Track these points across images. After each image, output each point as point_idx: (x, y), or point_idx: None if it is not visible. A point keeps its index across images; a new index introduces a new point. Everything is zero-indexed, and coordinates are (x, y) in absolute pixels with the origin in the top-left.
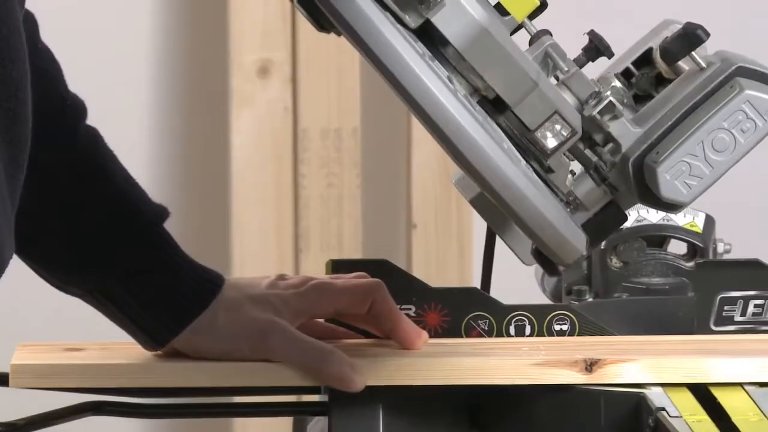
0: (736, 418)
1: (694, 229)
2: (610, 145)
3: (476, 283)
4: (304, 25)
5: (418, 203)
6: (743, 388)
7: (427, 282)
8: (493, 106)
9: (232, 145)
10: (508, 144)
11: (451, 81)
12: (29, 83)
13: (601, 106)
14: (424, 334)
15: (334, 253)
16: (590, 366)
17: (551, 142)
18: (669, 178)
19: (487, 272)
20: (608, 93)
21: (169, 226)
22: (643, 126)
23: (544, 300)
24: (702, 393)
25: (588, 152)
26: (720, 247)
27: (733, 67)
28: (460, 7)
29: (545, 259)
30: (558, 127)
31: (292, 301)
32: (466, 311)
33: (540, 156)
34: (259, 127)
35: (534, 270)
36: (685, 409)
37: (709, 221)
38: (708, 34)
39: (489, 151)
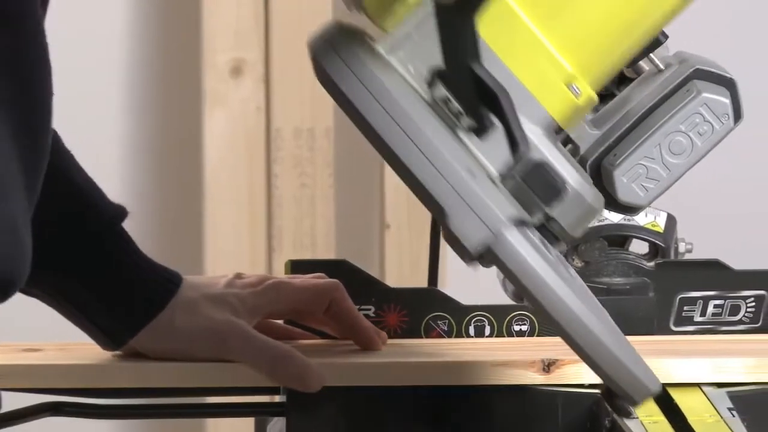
0: (692, 419)
1: (655, 228)
2: (569, 147)
3: (449, 283)
4: (277, 24)
5: (392, 203)
6: (701, 389)
7: (400, 283)
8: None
9: (205, 144)
10: (585, 289)
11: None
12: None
13: None
14: (383, 334)
15: (307, 253)
16: (548, 366)
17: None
18: (626, 181)
19: (434, 270)
20: None
21: (143, 225)
22: (601, 128)
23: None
24: (660, 393)
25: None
26: (681, 247)
27: (691, 70)
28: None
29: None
30: None
31: (249, 300)
32: (426, 312)
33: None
34: (232, 127)
35: (496, 271)
36: (641, 410)
37: (671, 221)
38: (666, 36)
39: (576, 310)
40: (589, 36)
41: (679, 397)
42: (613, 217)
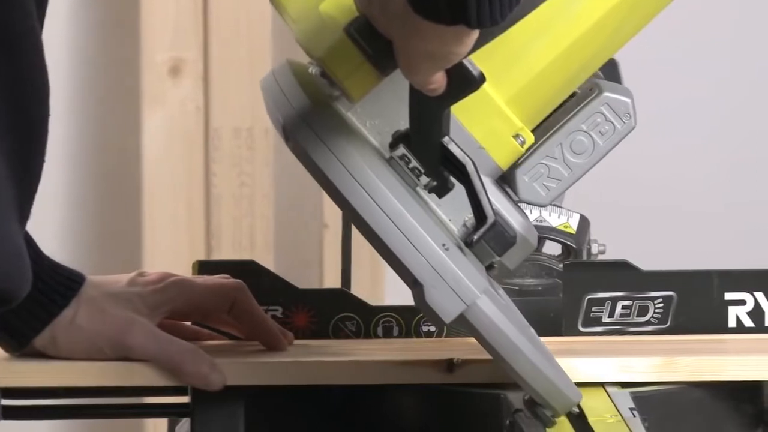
0: (592, 419)
1: (567, 230)
2: None
3: (389, 282)
4: (216, 23)
5: (330, 203)
6: (605, 389)
7: (339, 282)
8: None
9: (143, 144)
10: (514, 309)
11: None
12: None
13: None
14: (289, 334)
15: (246, 252)
16: (452, 366)
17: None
18: (528, 180)
19: (347, 270)
20: None
21: (81, 224)
22: None
23: None
24: None
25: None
26: (594, 248)
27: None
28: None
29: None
30: None
31: (151, 298)
32: (334, 312)
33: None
34: (171, 126)
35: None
36: None
37: (584, 222)
38: None
39: (524, 350)
40: (535, 91)
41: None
42: None
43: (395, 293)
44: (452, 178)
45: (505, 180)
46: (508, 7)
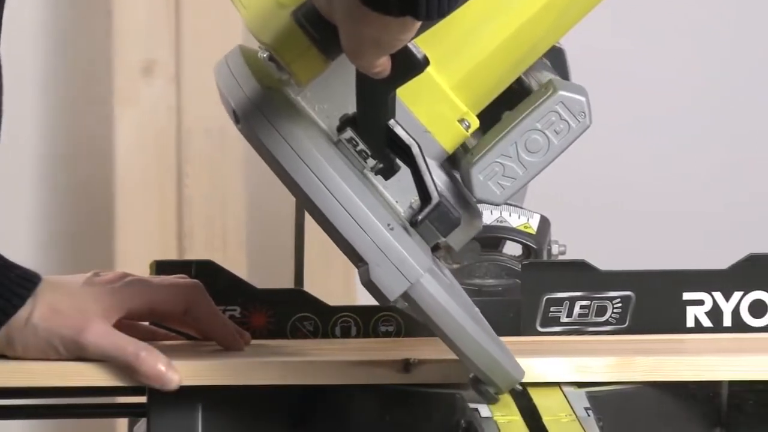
0: (546, 419)
1: (528, 230)
2: None
3: (360, 283)
4: (188, 24)
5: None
6: (560, 389)
7: (313, 282)
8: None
9: (116, 144)
10: (457, 287)
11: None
12: None
13: None
14: (246, 335)
15: (218, 253)
16: (409, 366)
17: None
18: (482, 179)
19: (299, 269)
20: None
21: (54, 224)
22: None
23: None
24: (522, 393)
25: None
26: (555, 249)
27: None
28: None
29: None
30: None
31: (107, 298)
32: (292, 312)
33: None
34: (143, 127)
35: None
36: (497, 409)
37: (544, 222)
38: None
39: (467, 327)
40: (481, 76)
41: (537, 396)
42: (486, 219)
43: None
44: (398, 161)
45: (454, 165)
46: None
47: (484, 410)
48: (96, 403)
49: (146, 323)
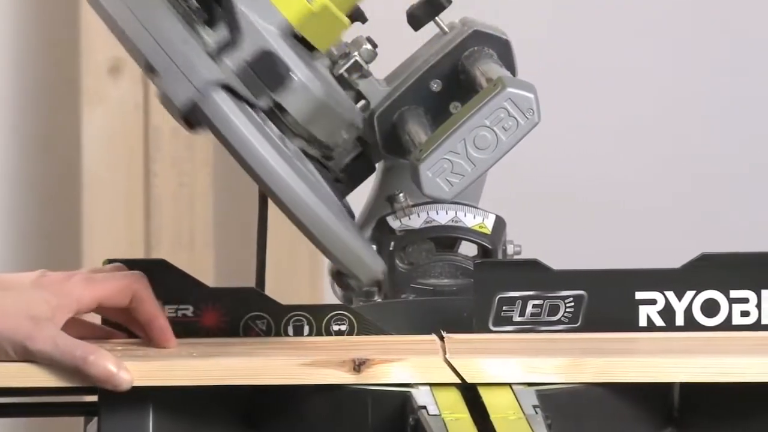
0: (494, 417)
1: (482, 230)
2: (362, 102)
3: (327, 280)
4: None
5: (270, 203)
6: (511, 388)
7: (279, 280)
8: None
9: (83, 143)
10: (317, 178)
11: (264, 122)
12: None
13: (348, 65)
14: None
15: (185, 252)
16: (359, 366)
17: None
18: (431, 176)
19: (261, 270)
20: (355, 53)
21: (21, 223)
22: (392, 84)
23: None
24: (473, 392)
25: None
26: (510, 249)
27: (470, 31)
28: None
29: (343, 281)
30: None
31: (55, 299)
32: (244, 311)
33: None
34: (111, 126)
35: (327, 272)
36: (446, 408)
37: (499, 223)
38: (449, 2)
39: (310, 203)
40: None
41: (487, 395)
42: (441, 219)
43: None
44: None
45: (390, 128)
46: None
47: (432, 408)
48: (48, 402)
49: (99, 323)
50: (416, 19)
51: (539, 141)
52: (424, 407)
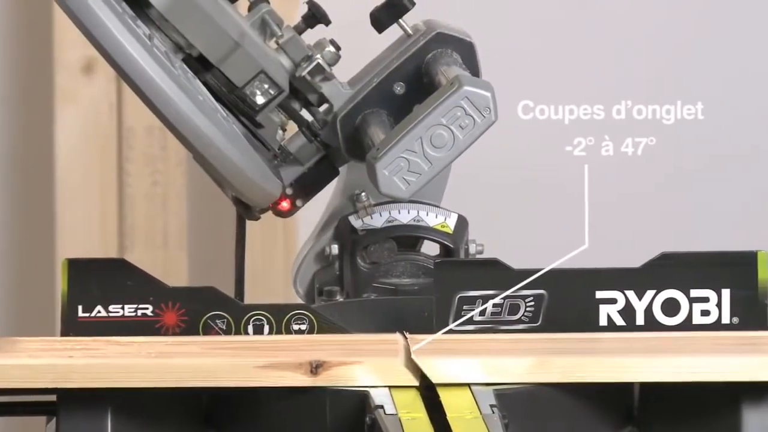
0: (450, 416)
1: (444, 229)
2: (325, 105)
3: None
4: None
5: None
6: (469, 388)
7: (254, 280)
8: (201, 63)
9: (56, 142)
10: (204, 97)
11: (151, 39)
12: None
13: (310, 68)
14: None
15: (159, 251)
16: (315, 369)
17: (259, 100)
18: (387, 174)
19: (240, 272)
20: (318, 56)
21: None
22: (355, 87)
23: None
24: (434, 392)
25: (304, 111)
26: (472, 248)
27: (433, 33)
28: None
29: (243, 203)
30: (266, 86)
31: None
32: (204, 311)
33: (250, 112)
34: (84, 125)
35: (292, 274)
36: (403, 407)
37: (462, 222)
38: (413, 3)
39: (178, 102)
40: None
41: (445, 394)
42: (403, 218)
43: None
44: None
45: (353, 131)
46: None
47: (389, 408)
48: (9, 401)
49: None
50: (379, 22)
51: (501, 138)
52: (381, 407)
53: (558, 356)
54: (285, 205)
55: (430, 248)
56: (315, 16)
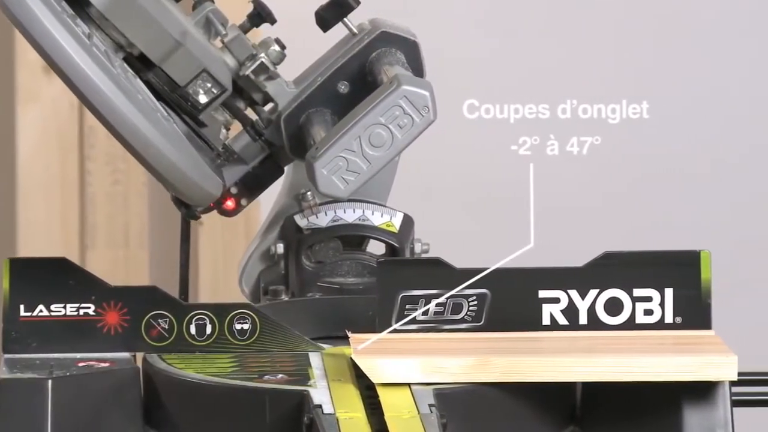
0: (388, 416)
1: (390, 229)
2: (270, 105)
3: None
4: None
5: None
6: (409, 387)
7: (215, 279)
8: (142, 62)
9: (18, 141)
10: (144, 96)
11: (90, 38)
12: None
13: (254, 66)
14: None
15: (120, 250)
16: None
17: (202, 99)
18: (326, 173)
19: (185, 271)
20: (263, 55)
21: None
22: (300, 86)
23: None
24: (370, 391)
25: (249, 110)
26: (417, 247)
27: (378, 32)
28: None
29: (183, 203)
30: (208, 84)
31: None
32: (147, 310)
33: (193, 111)
34: (45, 124)
35: (238, 273)
36: (342, 407)
37: (407, 221)
38: (358, 2)
39: (116, 101)
40: None
41: (385, 394)
42: (348, 217)
43: None
44: None
45: (296, 130)
46: None
47: (327, 407)
48: None
49: None
50: (324, 21)
51: (447, 138)
52: (320, 406)
53: (499, 356)
54: (230, 204)
55: (376, 247)
56: (260, 15)
